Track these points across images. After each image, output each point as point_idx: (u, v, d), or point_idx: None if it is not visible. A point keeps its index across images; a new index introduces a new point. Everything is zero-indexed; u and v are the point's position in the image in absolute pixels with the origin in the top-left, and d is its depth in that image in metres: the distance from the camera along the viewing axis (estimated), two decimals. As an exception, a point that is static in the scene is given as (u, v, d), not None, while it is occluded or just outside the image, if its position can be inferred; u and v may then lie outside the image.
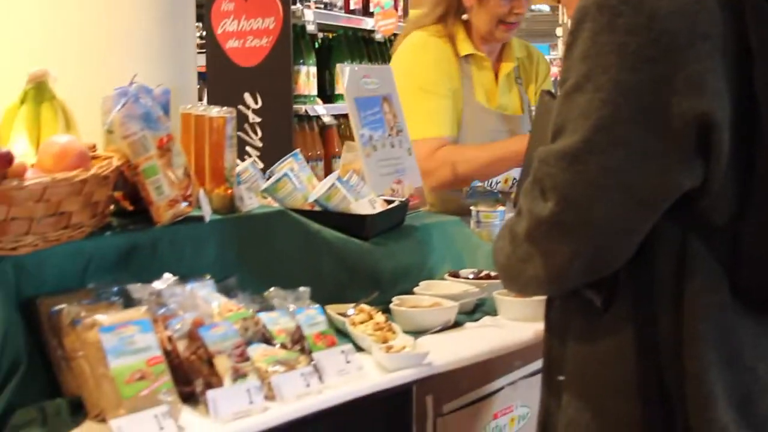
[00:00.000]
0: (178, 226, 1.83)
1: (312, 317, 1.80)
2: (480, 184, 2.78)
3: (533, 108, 3.01)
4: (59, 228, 1.63)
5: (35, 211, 1.57)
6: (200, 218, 1.87)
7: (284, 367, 1.68)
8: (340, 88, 4.64)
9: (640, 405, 1.45)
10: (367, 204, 2.25)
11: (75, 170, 1.62)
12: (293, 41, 4.31)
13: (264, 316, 1.79)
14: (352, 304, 2.05)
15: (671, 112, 1.36)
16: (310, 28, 4.42)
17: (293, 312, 1.80)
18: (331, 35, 4.77)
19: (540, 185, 1.42)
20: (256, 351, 1.69)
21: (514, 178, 2.94)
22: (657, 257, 1.43)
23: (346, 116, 4.89)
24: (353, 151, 2.50)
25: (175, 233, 1.83)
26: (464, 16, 2.91)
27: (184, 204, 1.82)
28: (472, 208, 2.69)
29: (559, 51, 11.57)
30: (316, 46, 4.74)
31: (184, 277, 1.76)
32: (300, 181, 2.24)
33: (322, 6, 4.56)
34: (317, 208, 2.22)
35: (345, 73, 2.48)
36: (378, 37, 5.05)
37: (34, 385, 1.58)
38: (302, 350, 1.76)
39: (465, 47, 2.90)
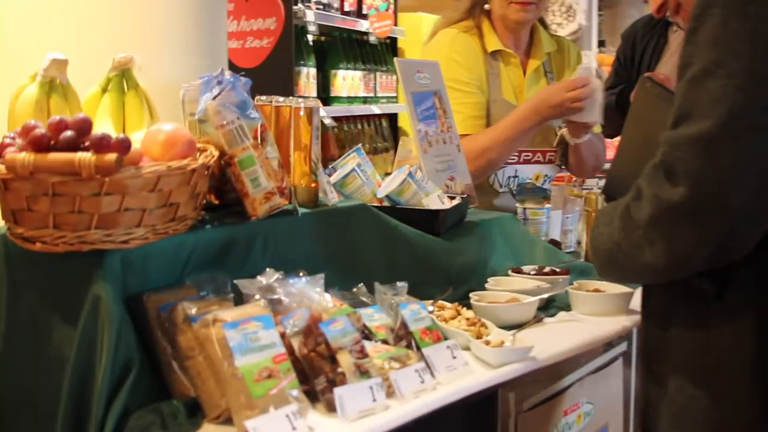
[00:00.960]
0: (272, 220, 1.75)
1: (416, 312, 1.74)
2: (529, 180, 2.75)
3: None
4: (167, 220, 1.55)
5: (148, 201, 1.49)
6: (290, 212, 1.80)
7: (398, 363, 1.62)
8: (336, 90, 4.60)
9: (759, 393, 1.42)
10: (437, 199, 2.20)
11: (185, 159, 1.54)
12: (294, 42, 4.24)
13: (361, 312, 1.73)
14: (430, 301, 1.99)
15: None
16: (311, 28, 4.35)
17: (397, 307, 1.73)
18: (323, 38, 4.70)
19: (668, 169, 1.38)
20: (368, 347, 1.62)
21: (546, 175, 2.91)
22: None
23: (342, 119, 4.86)
24: (407, 146, 2.45)
25: (270, 227, 1.76)
26: (486, 6, 2.89)
27: (279, 197, 1.74)
28: (518, 205, 2.65)
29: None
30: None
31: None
32: (366, 176, 2.19)
33: (321, 7, 4.49)
34: (386, 203, 2.16)
35: (400, 67, 2.43)
36: (372, 39, 5.00)
37: (143, 385, 1.49)
38: (408, 346, 1.70)
39: (492, 42, 2.86)
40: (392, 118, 5.37)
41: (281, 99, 1.91)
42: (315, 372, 1.53)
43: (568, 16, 8.78)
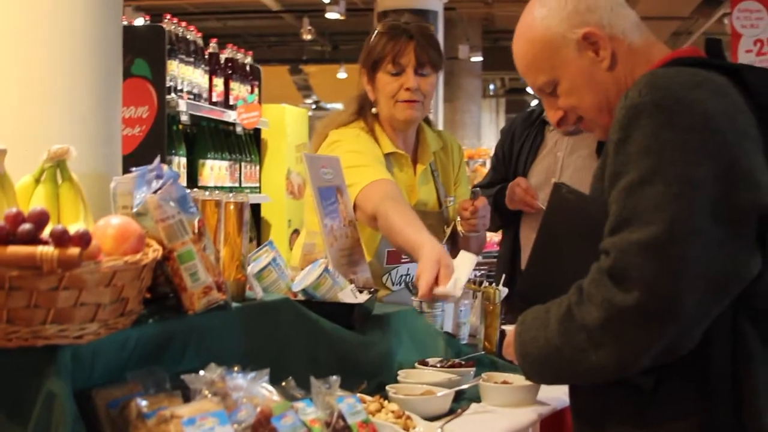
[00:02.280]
0: (207, 315, 1.76)
1: (352, 406, 1.77)
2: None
3: (450, 198, 3.07)
4: (117, 315, 1.54)
5: (104, 296, 1.48)
6: (223, 306, 1.81)
7: (342, 457, 1.64)
8: (204, 179, 4.60)
9: None
10: (350, 293, 2.25)
11: (137, 254, 1.54)
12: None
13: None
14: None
15: (735, 204, 1.49)
16: (183, 118, 4.36)
17: (335, 401, 1.76)
18: (192, 128, 4.71)
19: (618, 274, 1.48)
20: (313, 442, 1.64)
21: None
22: (713, 339, 1.53)
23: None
24: (311, 239, 2.50)
25: (205, 321, 1.76)
26: (373, 110, 2.94)
27: (216, 291, 1.75)
28: (414, 299, 2.73)
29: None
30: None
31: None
32: (281, 270, 2.21)
33: (192, 97, 4.51)
34: (300, 297, 2.19)
35: (307, 162, 2.48)
36: (238, 129, 5.04)
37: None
38: (347, 439, 1.72)
39: (386, 144, 2.91)
40: (254, 208, 5.39)
41: (212, 194, 1.92)
42: (267, 467, 1.53)
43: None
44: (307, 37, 11.37)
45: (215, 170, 4.79)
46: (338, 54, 14.59)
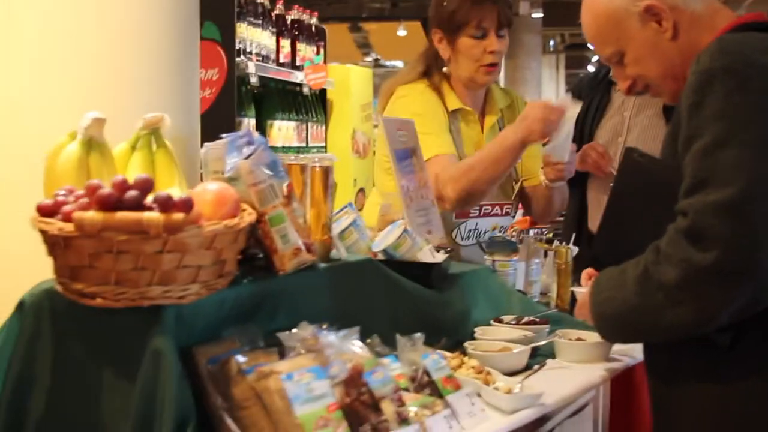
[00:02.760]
0: (297, 275, 1.83)
1: (437, 362, 1.84)
2: (498, 234, 2.88)
3: None
4: (216, 276, 1.61)
5: (204, 258, 1.56)
6: (312, 266, 1.88)
7: (428, 410, 1.71)
8: (272, 140, 4.68)
9: None
10: (428, 253, 2.30)
11: (234, 218, 1.61)
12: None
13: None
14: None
15: None
16: (253, 80, 4.43)
17: (420, 357, 1.83)
18: (260, 89, 4.77)
19: (696, 235, 1.52)
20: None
21: (502, 226, 3.06)
22: None
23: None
24: (388, 200, 2.55)
25: (296, 282, 1.83)
26: (445, 69, 2.98)
27: (306, 252, 1.82)
28: (487, 257, 2.78)
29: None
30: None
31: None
32: (361, 231, 2.28)
33: (261, 59, 4.58)
34: (381, 257, 2.25)
35: (384, 125, 2.54)
36: (305, 90, 5.11)
37: (198, 436, 1.54)
38: (431, 394, 1.79)
39: (452, 101, 2.96)
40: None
41: (300, 158, 1.99)
42: (360, 420, 1.60)
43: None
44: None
45: (283, 131, 4.87)
46: (397, 11, 14.56)
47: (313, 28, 5.27)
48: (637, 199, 1.81)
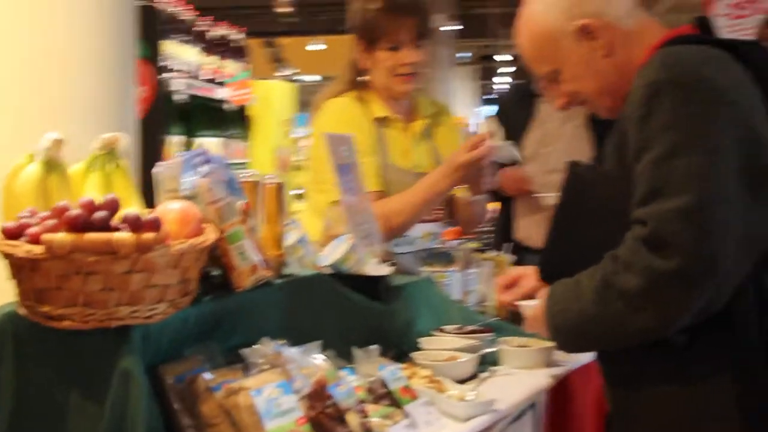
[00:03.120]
0: (256, 291, 1.86)
1: (393, 372, 1.89)
2: (435, 243, 2.94)
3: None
4: (182, 295, 1.63)
5: (172, 277, 1.58)
6: (268, 282, 1.91)
7: (390, 420, 1.76)
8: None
9: (742, 428, 1.66)
10: (374, 266, 2.35)
11: (198, 236, 1.64)
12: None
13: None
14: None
15: (756, 168, 1.62)
16: (179, 97, 4.42)
17: (377, 368, 1.87)
18: (186, 105, 4.76)
19: (657, 242, 1.59)
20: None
21: (433, 233, 3.12)
22: (740, 292, 1.65)
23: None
24: (333, 215, 2.59)
25: (253, 298, 1.86)
26: (366, 77, 3.02)
27: (263, 269, 1.85)
28: (424, 268, 2.84)
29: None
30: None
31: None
32: (307, 246, 2.31)
33: (186, 75, 4.57)
34: (328, 271, 2.29)
35: (328, 141, 2.57)
36: (227, 106, 5.11)
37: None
38: (390, 404, 1.84)
39: (378, 109, 3.00)
40: (245, 183, 5.45)
41: (251, 176, 2.02)
42: (327, 433, 1.64)
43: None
44: (284, 9, 11.38)
45: (208, 147, 4.86)
46: (311, 25, 14.61)
47: (237, 45, 5.28)
48: (582, 211, 1.87)
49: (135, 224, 1.49)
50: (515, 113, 3.74)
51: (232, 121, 5.21)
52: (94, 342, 1.55)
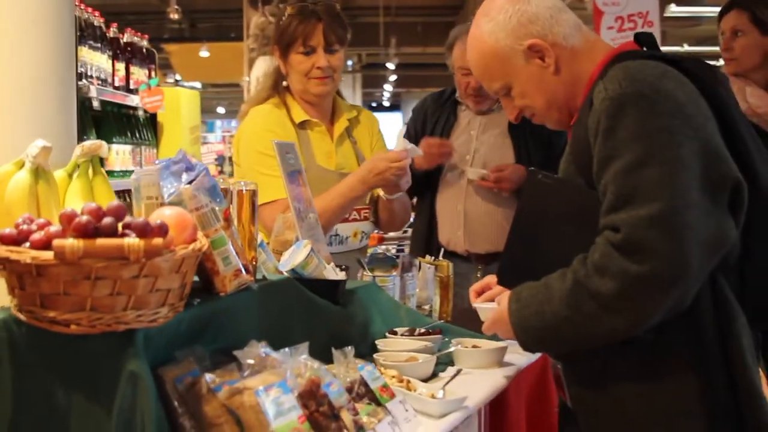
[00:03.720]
0: (237, 295, 1.90)
1: (372, 372, 1.95)
2: (380, 251, 3.02)
3: None
4: (180, 298, 1.66)
5: (174, 282, 1.61)
6: (248, 287, 1.95)
7: (374, 418, 1.83)
8: (110, 164, 4.62)
9: (708, 421, 1.79)
10: (332, 270, 2.41)
11: (195, 242, 1.67)
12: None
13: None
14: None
15: (715, 176, 1.75)
16: (95, 104, 4.37)
17: (355, 368, 1.93)
18: (98, 112, 4.70)
19: (631, 247, 1.69)
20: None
21: (363, 232, 3.20)
22: (698, 293, 1.78)
23: (118, 194, 4.85)
24: (284, 222, 2.64)
25: (236, 302, 1.90)
26: (284, 83, 3.15)
27: (245, 274, 1.89)
28: (367, 273, 2.92)
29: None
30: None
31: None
32: (267, 252, 2.36)
33: (100, 82, 4.52)
34: (288, 275, 2.34)
35: (276, 149, 2.62)
36: (140, 113, 5.06)
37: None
38: (370, 403, 1.90)
39: (298, 114, 3.11)
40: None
41: (226, 181, 2.06)
42: (324, 430, 1.70)
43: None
44: (174, 16, 11.28)
45: (120, 154, 4.80)
46: (197, 32, 14.48)
47: (145, 51, 5.23)
48: (544, 218, 1.97)
49: (143, 230, 1.52)
50: (436, 120, 3.84)
51: (141, 128, 5.16)
52: (99, 346, 1.57)
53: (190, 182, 1.84)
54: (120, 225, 1.56)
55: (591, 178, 1.85)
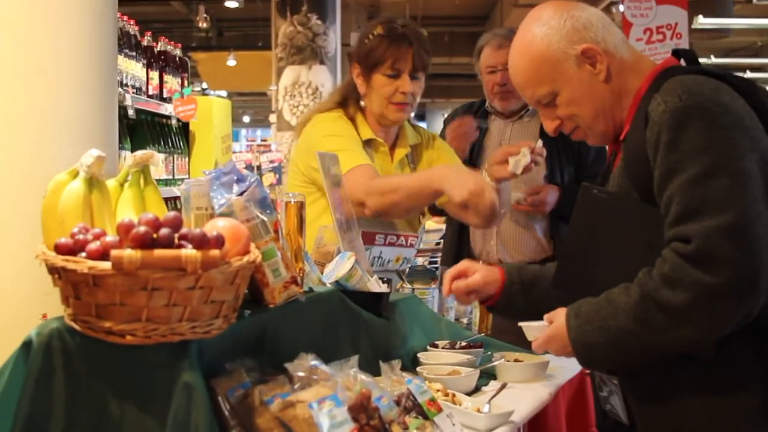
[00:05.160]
0: (286, 306, 1.90)
1: (419, 386, 1.94)
2: (419, 263, 3.01)
3: None
4: (233, 310, 1.66)
5: (228, 293, 1.60)
6: (295, 299, 1.95)
7: (423, 432, 1.82)
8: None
9: None
10: (375, 283, 2.41)
11: (248, 253, 1.67)
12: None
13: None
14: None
15: None
16: (130, 112, 4.38)
17: (403, 381, 1.93)
18: (129, 121, 4.72)
19: (704, 258, 1.68)
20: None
21: (405, 258, 3.20)
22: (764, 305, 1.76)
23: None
24: (327, 233, 2.64)
25: (285, 313, 1.90)
26: (361, 103, 3.10)
27: (295, 286, 1.89)
28: (407, 285, 2.91)
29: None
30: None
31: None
32: (311, 263, 2.35)
33: (135, 91, 4.54)
34: (332, 287, 2.33)
35: (320, 160, 2.62)
36: (173, 122, 5.08)
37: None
38: (418, 416, 1.89)
39: (365, 132, 3.08)
40: (184, 199, 5.42)
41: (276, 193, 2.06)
42: (373, 444, 1.69)
43: (315, 98, 9.23)
44: (203, 25, 11.33)
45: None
46: (225, 40, 14.55)
47: (178, 59, 5.26)
48: (598, 232, 1.96)
49: (200, 242, 1.52)
50: None
51: (175, 136, 5.18)
52: (153, 357, 1.57)
53: (241, 193, 1.84)
54: (176, 236, 1.56)
55: (647, 192, 1.84)
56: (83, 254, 1.54)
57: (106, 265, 1.49)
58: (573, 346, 1.87)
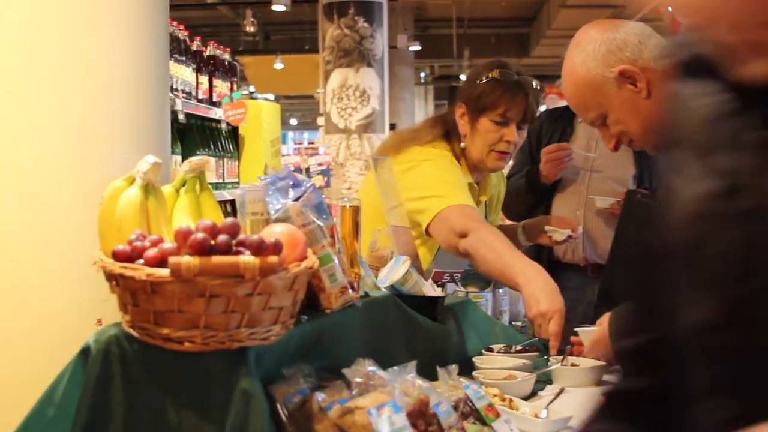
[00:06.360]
0: (343, 312, 1.88)
1: (477, 391, 1.92)
2: (471, 267, 2.98)
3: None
4: (291, 316, 1.65)
5: (286, 300, 1.59)
6: (353, 304, 1.93)
7: (482, 439, 1.79)
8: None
9: None
10: (430, 287, 2.39)
11: (306, 259, 1.65)
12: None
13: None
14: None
15: None
16: (180, 117, 4.41)
17: (460, 386, 1.90)
18: (179, 125, 4.75)
19: None
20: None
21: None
22: None
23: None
24: (381, 237, 2.62)
25: (342, 318, 1.89)
26: (462, 144, 2.99)
27: (351, 291, 1.88)
28: (460, 289, 2.88)
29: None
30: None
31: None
32: (366, 267, 2.33)
33: (185, 96, 4.57)
34: (387, 292, 2.31)
35: (374, 164, 2.61)
36: (223, 126, 5.10)
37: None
38: (475, 422, 1.87)
39: (466, 175, 2.99)
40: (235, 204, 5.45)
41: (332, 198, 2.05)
42: (432, 451, 1.67)
43: (362, 101, 9.24)
44: (250, 29, 11.41)
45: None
46: (271, 44, 14.63)
47: (227, 64, 5.28)
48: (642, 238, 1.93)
49: (259, 248, 1.51)
50: (551, 133, 3.75)
51: (224, 140, 5.20)
52: (211, 363, 1.56)
53: (296, 199, 1.83)
54: (233, 242, 1.55)
55: None
56: (141, 261, 1.54)
57: (164, 272, 1.49)
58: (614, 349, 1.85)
